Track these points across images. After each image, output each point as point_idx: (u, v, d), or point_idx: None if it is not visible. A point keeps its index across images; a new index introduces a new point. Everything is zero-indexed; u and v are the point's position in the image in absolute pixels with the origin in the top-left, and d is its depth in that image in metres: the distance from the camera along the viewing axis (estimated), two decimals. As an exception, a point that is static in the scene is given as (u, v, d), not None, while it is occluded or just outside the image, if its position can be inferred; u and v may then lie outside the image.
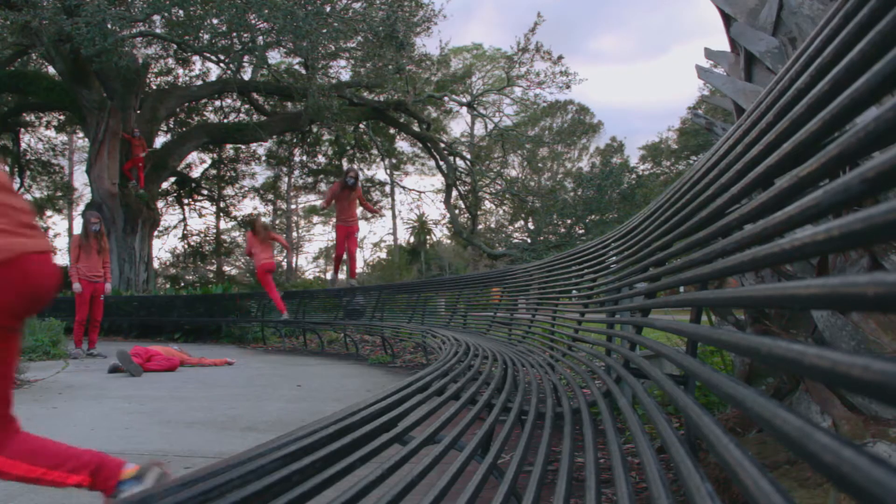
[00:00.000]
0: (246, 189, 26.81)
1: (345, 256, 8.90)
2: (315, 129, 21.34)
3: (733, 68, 2.57)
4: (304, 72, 16.01)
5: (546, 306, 3.70)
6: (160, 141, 18.37)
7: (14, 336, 1.40)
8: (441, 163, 19.92)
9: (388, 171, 25.59)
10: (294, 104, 17.61)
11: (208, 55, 14.51)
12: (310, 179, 28.12)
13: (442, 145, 20.34)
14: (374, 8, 14.01)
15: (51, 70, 15.90)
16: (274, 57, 16.02)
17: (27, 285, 1.36)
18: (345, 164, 26.31)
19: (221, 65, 15.45)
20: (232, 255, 28.73)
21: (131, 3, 12.61)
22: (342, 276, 10.19)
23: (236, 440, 2.85)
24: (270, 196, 28.63)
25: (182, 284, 24.53)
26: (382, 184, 27.95)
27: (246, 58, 14.48)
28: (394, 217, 33.37)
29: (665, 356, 1.13)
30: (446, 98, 20.71)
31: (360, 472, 0.74)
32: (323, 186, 29.83)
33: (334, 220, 8.94)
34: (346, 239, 8.51)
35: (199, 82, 18.24)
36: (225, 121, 20.45)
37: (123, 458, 1.56)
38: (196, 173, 24.65)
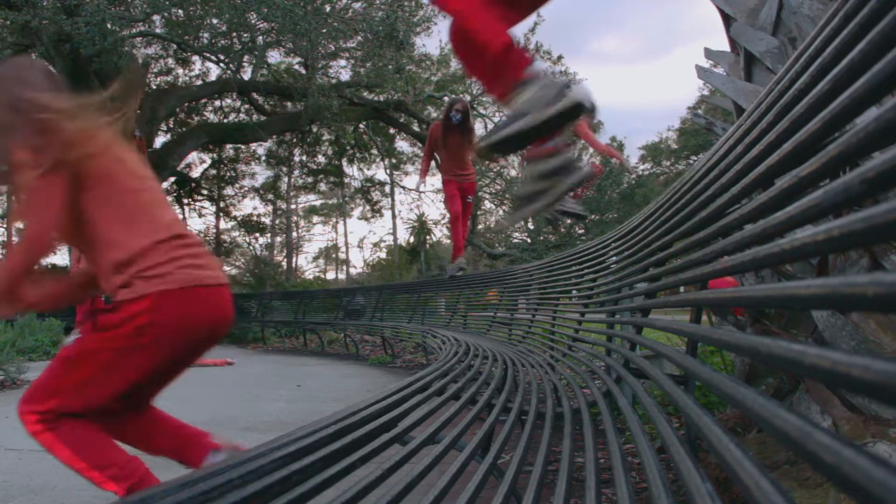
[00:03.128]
0: (246, 189, 26.82)
1: None
2: (315, 129, 21.33)
3: (733, 68, 2.57)
4: (304, 72, 16.01)
5: (546, 306, 3.70)
6: (160, 141, 18.37)
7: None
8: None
9: (388, 171, 25.57)
10: (294, 104, 17.61)
11: (208, 55, 14.51)
12: (310, 179, 28.14)
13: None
14: (373, 8, 14.02)
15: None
16: (274, 57, 16.04)
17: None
18: (344, 165, 26.25)
19: (221, 65, 15.44)
20: (232, 255, 28.73)
21: (131, 3, 12.61)
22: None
23: (236, 440, 2.84)
24: (270, 196, 28.64)
25: (182, 284, 24.47)
26: (382, 184, 27.95)
27: (246, 58, 14.49)
28: (394, 217, 33.36)
29: (665, 356, 1.13)
30: (446, 98, 20.71)
31: (360, 473, 0.74)
32: (323, 186, 29.82)
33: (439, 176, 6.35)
34: (460, 199, 5.98)
35: (199, 82, 18.24)
36: (225, 121, 20.45)
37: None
38: (196, 173, 24.64)
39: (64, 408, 1.36)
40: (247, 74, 16.60)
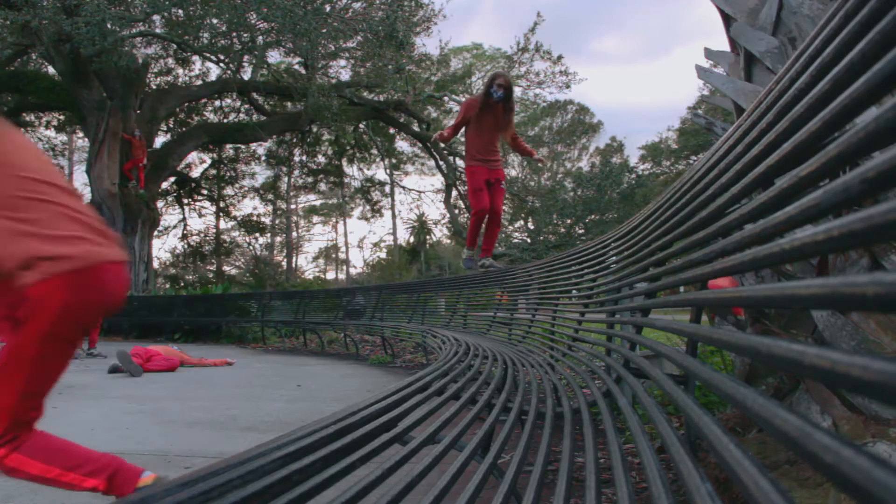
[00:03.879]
0: (246, 189, 26.84)
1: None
2: (315, 129, 21.33)
3: (733, 68, 2.57)
4: (304, 72, 16.02)
5: (546, 306, 3.70)
6: (160, 141, 18.37)
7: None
8: (441, 163, 19.92)
9: (388, 171, 25.58)
10: (294, 104, 17.62)
11: (208, 55, 14.51)
12: (310, 179, 28.15)
13: (442, 145, 20.34)
14: (373, 8, 14.02)
15: (51, 70, 15.88)
16: (274, 57, 16.04)
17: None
18: (344, 165, 26.21)
19: (221, 65, 15.45)
20: (232, 255, 28.74)
21: (131, 3, 12.61)
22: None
23: (236, 440, 2.85)
24: (270, 196, 28.64)
25: (182, 284, 24.54)
26: (382, 184, 27.96)
27: (246, 58, 14.49)
28: (394, 217, 33.41)
29: (665, 356, 1.13)
30: (446, 98, 20.71)
31: (360, 472, 0.74)
32: (323, 186, 29.86)
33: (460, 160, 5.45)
34: (489, 189, 5.15)
35: (199, 82, 18.24)
36: (225, 121, 20.45)
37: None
38: (196, 173, 24.66)
39: (18, 423, 1.33)
40: (247, 74, 16.61)
